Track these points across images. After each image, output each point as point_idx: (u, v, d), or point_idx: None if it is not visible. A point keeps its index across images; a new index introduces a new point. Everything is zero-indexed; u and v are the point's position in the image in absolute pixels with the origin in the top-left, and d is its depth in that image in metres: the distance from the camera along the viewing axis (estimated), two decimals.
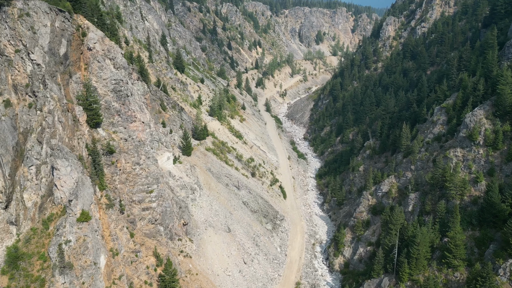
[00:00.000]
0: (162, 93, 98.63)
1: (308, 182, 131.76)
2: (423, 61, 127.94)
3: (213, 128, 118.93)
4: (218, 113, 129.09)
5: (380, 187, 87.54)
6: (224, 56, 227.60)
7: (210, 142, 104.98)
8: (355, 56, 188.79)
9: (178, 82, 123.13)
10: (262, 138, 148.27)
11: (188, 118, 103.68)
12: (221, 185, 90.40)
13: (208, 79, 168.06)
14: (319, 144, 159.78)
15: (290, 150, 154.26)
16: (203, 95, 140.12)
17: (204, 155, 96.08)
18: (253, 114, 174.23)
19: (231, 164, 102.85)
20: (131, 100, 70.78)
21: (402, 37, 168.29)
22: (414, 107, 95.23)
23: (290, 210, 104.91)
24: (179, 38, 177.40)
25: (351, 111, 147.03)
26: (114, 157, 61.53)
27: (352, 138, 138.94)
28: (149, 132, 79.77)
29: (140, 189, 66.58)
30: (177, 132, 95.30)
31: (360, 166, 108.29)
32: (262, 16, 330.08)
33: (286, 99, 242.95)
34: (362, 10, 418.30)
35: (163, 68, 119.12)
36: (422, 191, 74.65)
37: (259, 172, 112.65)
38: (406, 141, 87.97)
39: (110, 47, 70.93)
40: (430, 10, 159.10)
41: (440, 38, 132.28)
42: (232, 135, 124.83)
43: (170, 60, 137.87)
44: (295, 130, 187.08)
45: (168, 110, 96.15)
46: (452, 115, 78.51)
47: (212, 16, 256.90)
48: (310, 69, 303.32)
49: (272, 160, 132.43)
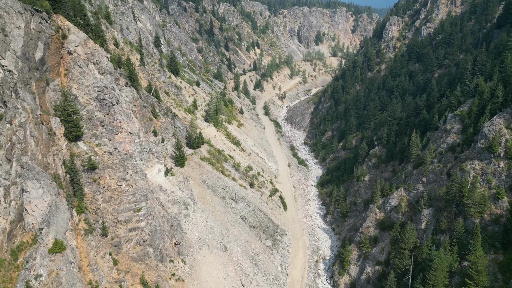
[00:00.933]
0: (154, 99, 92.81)
1: (310, 191, 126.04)
2: (430, 63, 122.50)
3: (209, 135, 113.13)
4: (215, 119, 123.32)
5: (389, 200, 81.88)
6: (221, 57, 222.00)
7: (205, 150, 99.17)
8: (357, 58, 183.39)
9: (172, 86, 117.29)
10: (261, 144, 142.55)
11: (182, 125, 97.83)
12: (217, 199, 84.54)
13: (204, 82, 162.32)
14: (320, 149, 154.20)
15: (290, 156, 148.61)
16: (198, 99, 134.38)
17: (198, 166, 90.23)
18: (251, 118, 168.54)
19: (228, 174, 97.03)
20: (117, 108, 64.92)
21: (407, 37, 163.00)
22: (424, 114, 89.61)
23: (291, 223, 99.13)
24: (174, 39, 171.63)
25: (354, 116, 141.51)
26: (96, 174, 55.62)
27: (356, 144, 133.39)
28: (138, 143, 74.02)
29: (127, 208, 60.68)
30: (169, 141, 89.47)
31: (365, 175, 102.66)
32: (260, 16, 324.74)
33: (285, 102, 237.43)
34: (362, 10, 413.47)
35: (155, 71, 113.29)
36: (436, 207, 68.99)
37: (258, 181, 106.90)
38: (416, 151, 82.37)
39: (94, 50, 65.11)
40: (436, 10, 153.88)
41: (448, 39, 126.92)
42: (229, 142, 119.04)
43: (164, 62, 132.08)
44: (295, 135, 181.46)
45: (160, 117, 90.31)
46: (468, 124, 72.95)
47: (209, 16, 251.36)
48: (310, 71, 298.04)
49: (271, 167, 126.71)
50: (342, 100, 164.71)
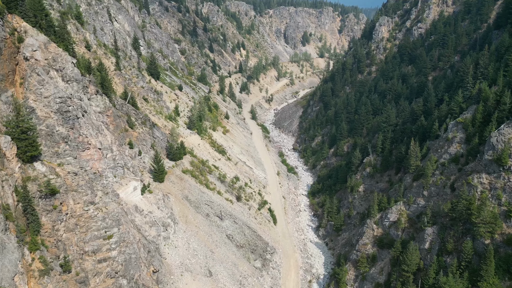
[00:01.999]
0: (130, 107, 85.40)
1: (300, 201, 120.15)
2: (424, 65, 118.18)
3: (192, 144, 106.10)
4: (198, 126, 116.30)
5: (387, 215, 76.45)
6: (205, 59, 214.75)
7: (188, 162, 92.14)
8: (346, 59, 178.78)
9: (152, 91, 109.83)
10: (248, 151, 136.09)
11: (162, 135, 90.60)
12: (201, 217, 77.66)
13: (187, 86, 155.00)
14: (310, 155, 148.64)
15: (279, 163, 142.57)
16: (181, 105, 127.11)
17: (180, 180, 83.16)
18: (237, 123, 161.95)
19: (213, 187, 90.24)
20: (84, 121, 57.58)
21: (397, 38, 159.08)
22: (422, 120, 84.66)
23: (281, 239, 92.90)
24: (154, 40, 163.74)
25: (345, 120, 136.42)
26: (57, 199, 48.23)
27: (347, 150, 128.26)
28: (111, 157, 66.65)
29: (95, 236, 53.39)
30: (147, 153, 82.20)
31: (360, 185, 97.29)
32: (246, 16, 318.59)
33: (272, 105, 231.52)
34: (348, 10, 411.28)
35: (133, 76, 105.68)
36: (440, 224, 63.73)
37: (245, 194, 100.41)
38: (415, 161, 77.20)
39: (56, 55, 57.66)
40: (427, 10, 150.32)
41: (441, 40, 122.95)
42: (214, 150, 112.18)
43: (143, 65, 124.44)
44: (283, 140, 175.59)
45: (137, 127, 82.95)
46: (472, 132, 68.03)
47: (192, 16, 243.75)
48: (297, 72, 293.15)
49: (259, 177, 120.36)
50: (331, 104, 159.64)
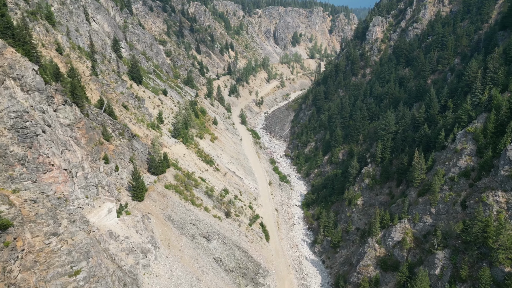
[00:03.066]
0: (106, 116, 77.81)
1: (294, 213, 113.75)
2: (423, 68, 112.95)
3: (176, 155, 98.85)
4: (183, 134, 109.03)
5: (390, 234, 70.41)
6: (192, 61, 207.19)
7: (171, 176, 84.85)
8: (339, 61, 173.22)
9: (132, 97, 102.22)
10: (238, 159, 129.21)
11: (143, 147, 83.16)
12: (185, 239, 70.52)
13: (172, 90, 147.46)
14: (303, 163, 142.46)
15: (270, 171, 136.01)
16: (165, 111, 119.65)
17: (162, 197, 75.88)
18: (226, 129, 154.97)
19: (199, 203, 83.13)
20: (45, 138, 50.06)
21: (392, 39, 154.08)
22: (425, 129, 78.94)
23: (275, 258, 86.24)
24: (137, 42, 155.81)
25: (339, 126, 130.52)
26: (9, 234, 40.82)
27: (343, 158, 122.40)
28: (82, 176, 59.17)
29: (59, 273, 46.03)
30: (125, 167, 74.74)
31: (358, 198, 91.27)
32: (234, 16, 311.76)
33: (263, 108, 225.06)
34: (339, 10, 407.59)
35: (112, 81, 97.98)
36: (452, 248, 57.82)
37: (235, 208, 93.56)
38: (420, 174, 71.34)
39: (14, 61, 50.12)
40: (423, 9, 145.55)
41: (440, 41, 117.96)
42: (201, 161, 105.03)
43: (124, 69, 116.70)
44: (274, 145, 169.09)
45: (114, 139, 75.44)
46: (483, 144, 62.39)
47: (178, 16, 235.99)
48: (287, 74, 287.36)
49: (250, 187, 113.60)
50: (325, 108, 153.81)
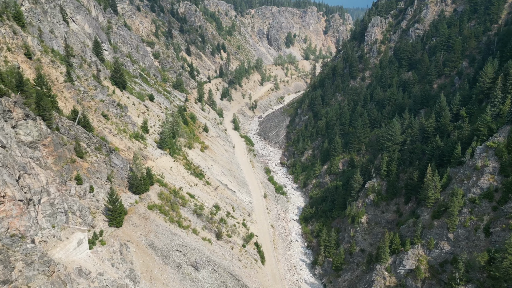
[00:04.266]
0: (81, 129, 69.60)
1: (291, 228, 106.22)
2: (429, 72, 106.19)
3: (163, 168, 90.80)
4: (171, 144, 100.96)
5: (402, 261, 63.14)
6: (182, 63, 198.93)
7: (155, 194, 76.77)
8: (336, 63, 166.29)
9: (114, 105, 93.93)
10: (230, 170, 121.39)
11: (123, 162, 74.97)
12: (170, 269, 62.53)
13: (160, 95, 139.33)
14: (300, 172, 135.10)
15: (265, 182, 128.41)
16: (151, 119, 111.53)
17: (144, 220, 67.82)
18: (218, 136, 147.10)
19: (187, 225, 75.17)
20: None
21: (392, 40, 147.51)
22: (437, 141, 71.90)
23: (271, 284, 78.56)
24: (122, 43, 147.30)
25: (338, 133, 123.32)
26: None
27: (343, 168, 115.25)
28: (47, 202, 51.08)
29: None
30: (102, 187, 66.57)
31: (362, 215, 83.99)
32: (226, 17, 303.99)
33: (256, 112, 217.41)
34: (333, 10, 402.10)
35: (90, 87, 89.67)
36: (477, 283, 50.67)
37: (227, 227, 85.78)
38: (434, 194, 64.21)
39: None
40: (424, 9, 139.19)
41: (445, 43, 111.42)
42: (189, 174, 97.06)
43: (107, 73, 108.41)
44: (269, 153, 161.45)
45: (89, 155, 67.28)
46: (508, 161, 55.45)
47: (167, 16, 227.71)
48: (282, 76, 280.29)
49: (244, 201, 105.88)
50: (322, 113, 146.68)
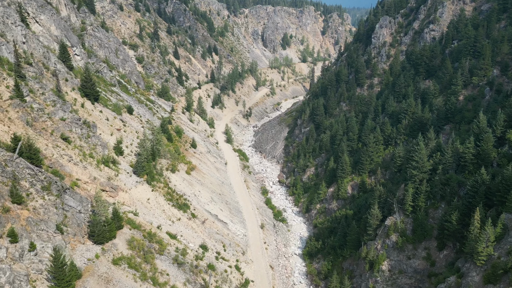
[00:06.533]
0: (23, 163, 54.33)
1: (293, 267, 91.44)
2: (453, 81, 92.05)
3: (138, 201, 75.63)
4: (149, 169, 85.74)
5: None
6: (169, 68, 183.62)
7: (124, 242, 61.51)
8: (339, 68, 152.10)
9: (79, 123, 78.56)
10: (222, 194, 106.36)
11: (81, 203, 59.63)
12: None
13: (141, 105, 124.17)
14: (301, 193, 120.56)
15: (262, 206, 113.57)
16: (128, 136, 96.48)
17: (106, 283, 52.55)
18: (208, 151, 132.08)
19: (164, 281, 60.00)
20: None
21: (403, 43, 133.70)
22: (482, 174, 57.50)
23: None
24: (99, 47, 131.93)
25: (346, 150, 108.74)
26: None
27: (352, 192, 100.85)
28: None
29: None
30: (50, 240, 51.25)
31: (383, 261, 69.38)
32: (218, 16, 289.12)
33: (251, 121, 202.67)
34: (331, 9, 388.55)
35: (48, 103, 74.40)
36: None
37: (216, 275, 70.76)
38: (486, 248, 49.78)
39: None
40: (440, 8, 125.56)
41: (471, 47, 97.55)
42: (171, 206, 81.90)
43: (75, 83, 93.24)
44: (266, 169, 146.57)
45: (33, 199, 51.99)
46: None
47: (153, 16, 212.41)
48: (278, 79, 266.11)
49: (237, 235, 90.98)
50: (325, 125, 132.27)
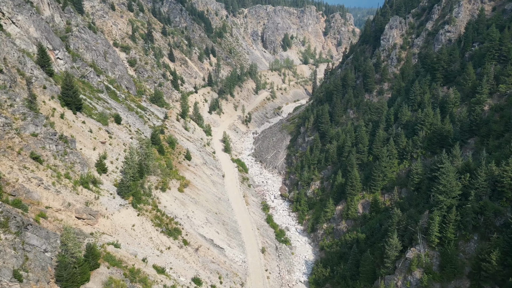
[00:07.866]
0: None
1: None
2: (478, 89, 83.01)
3: (120, 228, 66.31)
4: (135, 190, 76.38)
5: None
6: (163, 71, 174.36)
7: (100, 285, 52.11)
8: (345, 72, 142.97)
9: (54, 139, 69.29)
10: (218, 213, 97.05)
11: (46, 241, 50.24)
12: None
13: (131, 113, 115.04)
14: (305, 209, 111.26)
15: (263, 225, 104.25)
16: (114, 149, 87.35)
17: None
18: (204, 163, 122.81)
19: None
20: None
21: (415, 45, 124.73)
22: None
23: None
24: (86, 50, 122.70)
25: (355, 164, 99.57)
26: None
27: (363, 212, 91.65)
28: None
29: None
30: None
31: None
32: (216, 17, 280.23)
33: (251, 127, 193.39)
34: (334, 9, 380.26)
35: (17, 116, 65.16)
36: None
37: None
38: None
39: None
40: (456, 7, 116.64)
41: (496, 50, 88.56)
42: (160, 233, 72.53)
43: (55, 91, 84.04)
44: (267, 180, 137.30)
45: None
46: None
47: (147, 16, 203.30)
48: (278, 82, 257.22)
49: (235, 262, 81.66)
50: (331, 134, 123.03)
